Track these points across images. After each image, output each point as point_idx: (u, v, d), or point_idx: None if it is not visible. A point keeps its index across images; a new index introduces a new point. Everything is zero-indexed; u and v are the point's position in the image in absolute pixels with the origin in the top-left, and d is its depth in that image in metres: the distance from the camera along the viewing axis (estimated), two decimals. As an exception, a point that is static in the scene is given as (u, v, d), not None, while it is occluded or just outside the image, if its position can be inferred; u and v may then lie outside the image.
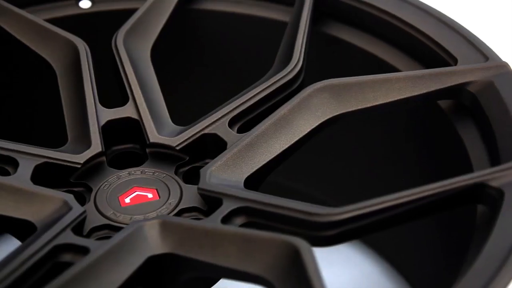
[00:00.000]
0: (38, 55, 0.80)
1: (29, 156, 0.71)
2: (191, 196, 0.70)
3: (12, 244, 0.88)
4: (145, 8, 0.83)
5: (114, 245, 0.61)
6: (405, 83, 0.73)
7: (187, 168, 0.73)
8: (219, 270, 0.61)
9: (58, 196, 0.67)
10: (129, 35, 0.80)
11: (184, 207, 0.69)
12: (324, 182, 0.92)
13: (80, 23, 0.86)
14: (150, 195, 0.71)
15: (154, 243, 0.63)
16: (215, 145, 0.73)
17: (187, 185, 0.71)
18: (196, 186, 0.69)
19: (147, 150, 0.74)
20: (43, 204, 0.67)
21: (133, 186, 0.71)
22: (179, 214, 0.69)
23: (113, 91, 0.78)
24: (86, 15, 0.87)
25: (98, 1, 0.88)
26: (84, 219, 0.67)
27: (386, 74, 0.74)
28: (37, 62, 0.79)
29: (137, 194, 0.71)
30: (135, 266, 0.61)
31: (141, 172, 0.73)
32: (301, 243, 0.59)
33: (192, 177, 0.73)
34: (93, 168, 0.72)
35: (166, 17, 0.83)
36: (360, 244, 0.93)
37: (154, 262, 0.62)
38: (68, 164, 0.71)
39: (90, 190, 0.71)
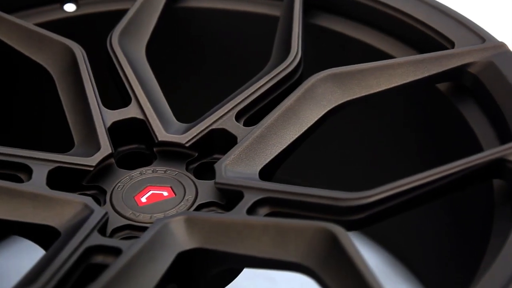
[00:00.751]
0: (33, 60, 0.78)
1: (42, 162, 0.70)
2: (206, 191, 0.70)
3: (14, 245, 0.88)
4: (135, 8, 0.82)
5: (145, 244, 0.61)
6: (406, 68, 0.74)
7: (197, 164, 0.73)
8: (252, 261, 0.62)
9: (77, 199, 0.67)
10: (123, 36, 0.80)
11: (202, 202, 0.69)
12: (326, 174, 0.93)
13: (66, 27, 0.86)
14: (165, 193, 0.70)
15: (181, 239, 0.63)
16: (224, 139, 0.73)
17: (200, 180, 0.71)
18: (211, 181, 0.70)
19: (155, 149, 0.74)
20: (63, 208, 0.66)
21: (147, 186, 0.71)
22: (197, 209, 0.69)
23: (107, 92, 0.77)
24: (71, 19, 0.87)
25: (83, 4, 0.87)
26: (107, 220, 0.66)
27: (387, 60, 0.75)
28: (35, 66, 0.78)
29: (152, 193, 0.71)
30: (167, 263, 0.61)
31: (153, 171, 0.72)
32: (336, 228, 0.60)
33: (202, 173, 0.73)
34: (104, 170, 0.72)
35: (157, 17, 0.83)
36: (360, 236, 0.94)
37: (183, 258, 0.62)
38: (81, 167, 0.71)
39: (103, 192, 0.71)
